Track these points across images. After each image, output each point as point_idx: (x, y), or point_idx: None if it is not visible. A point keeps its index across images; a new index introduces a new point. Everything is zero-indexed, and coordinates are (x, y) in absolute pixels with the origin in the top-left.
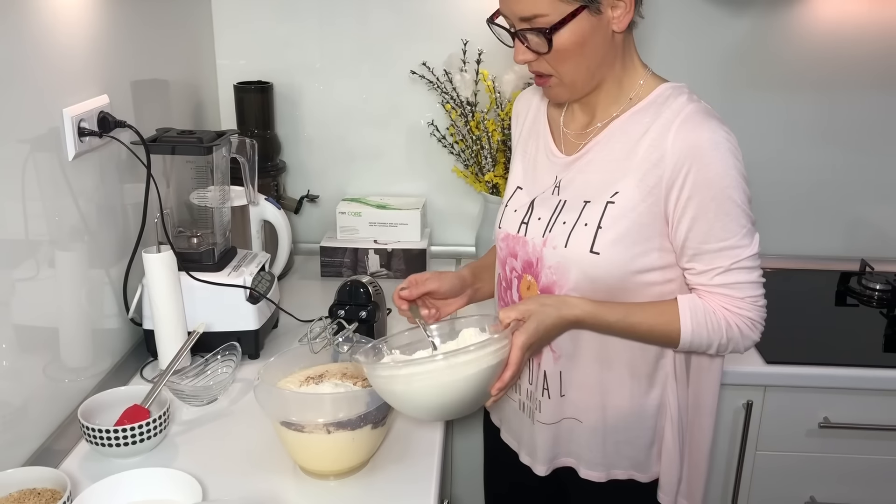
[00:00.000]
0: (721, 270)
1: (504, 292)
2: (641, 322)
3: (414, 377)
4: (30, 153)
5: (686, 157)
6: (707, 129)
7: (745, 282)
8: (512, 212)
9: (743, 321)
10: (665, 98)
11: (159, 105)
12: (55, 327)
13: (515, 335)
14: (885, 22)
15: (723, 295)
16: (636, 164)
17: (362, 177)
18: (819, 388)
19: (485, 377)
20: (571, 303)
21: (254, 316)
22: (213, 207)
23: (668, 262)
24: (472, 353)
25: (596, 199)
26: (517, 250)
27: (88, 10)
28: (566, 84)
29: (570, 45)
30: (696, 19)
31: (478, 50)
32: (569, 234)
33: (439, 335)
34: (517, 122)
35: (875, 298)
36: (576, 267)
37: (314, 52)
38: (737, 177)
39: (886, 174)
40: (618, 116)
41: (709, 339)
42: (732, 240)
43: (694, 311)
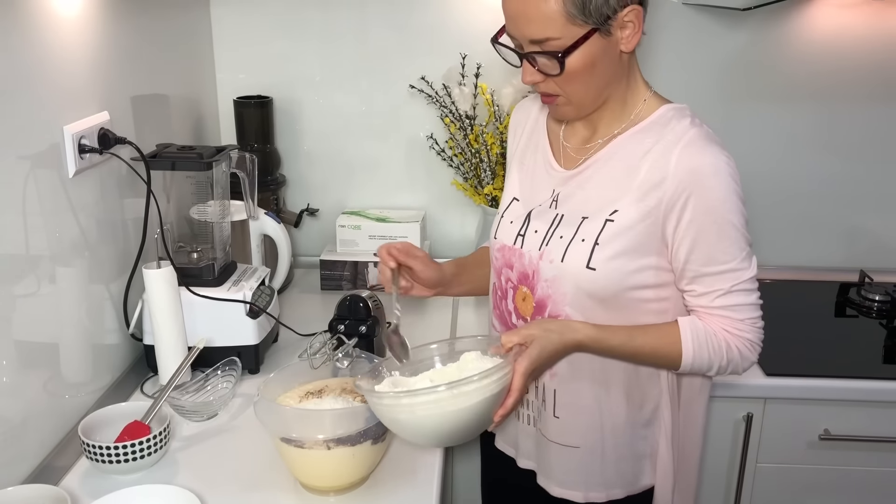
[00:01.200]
0: (722, 293)
1: (499, 301)
2: (644, 345)
3: (417, 406)
4: (30, 169)
5: (688, 182)
6: (710, 154)
7: (745, 304)
8: (508, 223)
9: (743, 343)
10: (668, 119)
11: (159, 120)
12: (55, 343)
13: (518, 361)
14: (883, 33)
15: (723, 317)
16: (637, 184)
17: (362, 190)
18: (819, 399)
19: (488, 405)
20: (574, 327)
21: (254, 331)
22: (213, 222)
23: (663, 280)
24: (476, 382)
25: (594, 216)
26: (513, 262)
27: (89, 26)
28: (574, 104)
29: (580, 68)
30: (695, 32)
31: (476, 64)
32: (566, 249)
33: (439, 356)
34: (514, 133)
35: (874, 309)
36: (571, 281)
37: (314, 65)
38: (736, 201)
39: (885, 185)
40: (619, 134)
41: (710, 360)
42: (733, 263)
43: (695, 333)
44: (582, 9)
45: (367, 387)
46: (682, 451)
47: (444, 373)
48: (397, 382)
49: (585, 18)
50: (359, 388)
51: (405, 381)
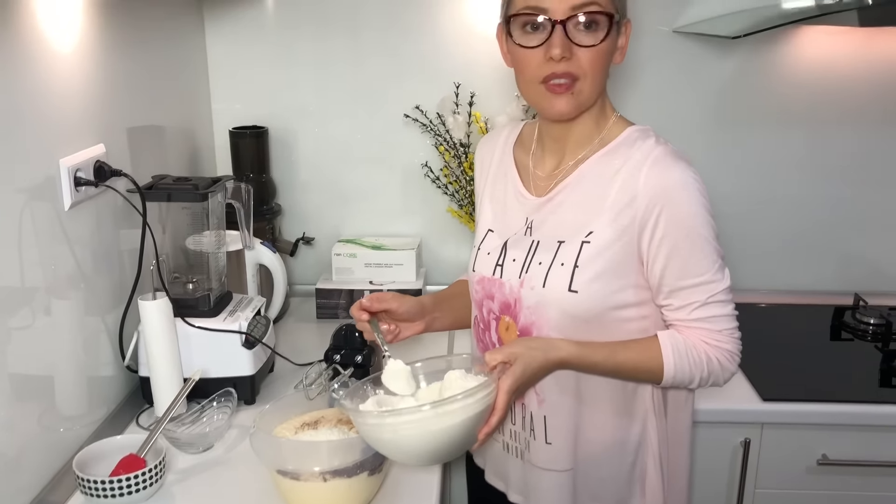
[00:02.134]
0: (698, 305)
1: (482, 334)
2: (626, 360)
3: (401, 425)
4: (26, 202)
5: (658, 198)
6: (677, 170)
7: (722, 315)
8: (485, 254)
9: (722, 353)
10: (633, 140)
11: (155, 151)
12: (51, 375)
13: (501, 380)
14: (871, 59)
15: (701, 329)
16: (609, 205)
17: (358, 217)
18: (817, 424)
19: (472, 423)
20: (557, 345)
21: (249, 361)
22: (208, 252)
23: (643, 298)
24: (460, 401)
25: (570, 239)
26: (493, 292)
27: (85, 59)
28: (585, 92)
29: (605, 48)
30: (686, 59)
31: (470, 92)
32: (546, 274)
33: (424, 374)
34: (481, 168)
35: (869, 333)
36: (555, 306)
37: (309, 95)
38: (706, 215)
39: (877, 207)
40: (587, 158)
41: (691, 372)
42: (707, 275)
43: (675, 346)
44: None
45: (350, 406)
46: (671, 471)
47: (427, 391)
48: (382, 401)
49: (617, 7)
50: (343, 407)
51: (389, 400)
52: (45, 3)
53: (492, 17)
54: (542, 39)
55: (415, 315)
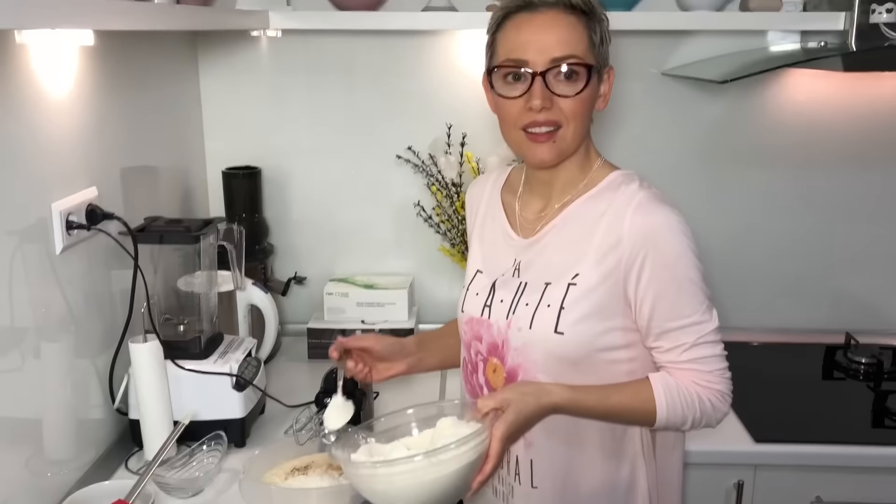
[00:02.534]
0: (687, 346)
1: (470, 375)
2: (619, 403)
3: (395, 476)
4: (18, 245)
5: (643, 241)
6: (660, 213)
7: (711, 355)
8: (474, 295)
9: (713, 394)
10: (618, 185)
11: (148, 191)
12: (39, 419)
13: (495, 427)
14: (855, 103)
15: (692, 370)
16: (594, 247)
17: (350, 256)
18: (810, 466)
19: (466, 472)
20: (549, 390)
21: (240, 404)
22: (200, 293)
23: (631, 340)
24: (454, 449)
25: (557, 281)
26: (481, 333)
27: (79, 101)
28: (566, 140)
29: (586, 96)
30: (676, 100)
31: (462, 133)
32: (532, 316)
33: (416, 421)
34: (471, 211)
35: (861, 372)
36: (541, 347)
37: (302, 135)
38: (691, 256)
39: (867, 246)
40: (573, 201)
41: (683, 414)
42: (695, 316)
43: (667, 388)
44: (598, 46)
45: (342, 456)
46: None
47: (419, 440)
48: (373, 450)
49: (596, 56)
50: (334, 457)
51: (381, 449)
52: (40, 47)
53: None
54: (523, 90)
55: (393, 355)
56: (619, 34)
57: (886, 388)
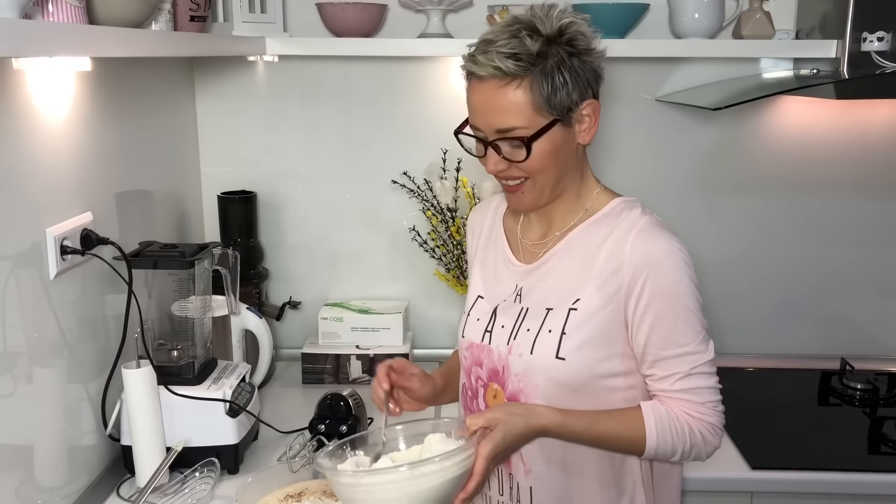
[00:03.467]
0: (681, 376)
1: (470, 402)
2: (608, 430)
3: (377, 486)
4: (12, 269)
5: (643, 266)
6: (662, 240)
7: (705, 387)
8: (475, 321)
9: (705, 426)
10: (620, 210)
11: (143, 215)
12: (30, 445)
13: (481, 445)
14: (848, 130)
15: (684, 400)
16: (596, 273)
17: (345, 281)
18: (807, 493)
19: (449, 488)
20: (539, 412)
21: (233, 430)
22: (194, 318)
23: (630, 367)
24: (437, 463)
25: (558, 307)
26: (482, 359)
27: (75, 126)
28: (536, 190)
29: (544, 154)
30: (669, 126)
31: (457, 158)
32: (534, 341)
33: (404, 437)
34: (473, 236)
35: (857, 398)
36: (542, 373)
37: (298, 159)
38: (690, 285)
39: (861, 272)
40: (575, 227)
41: (673, 445)
42: (690, 346)
43: (658, 417)
44: (548, 101)
45: (327, 465)
46: None
47: (407, 454)
48: (360, 463)
49: (550, 110)
50: (319, 465)
51: (367, 462)
52: (36, 75)
53: None
54: (483, 151)
55: (428, 399)
56: (612, 61)
57: (882, 413)
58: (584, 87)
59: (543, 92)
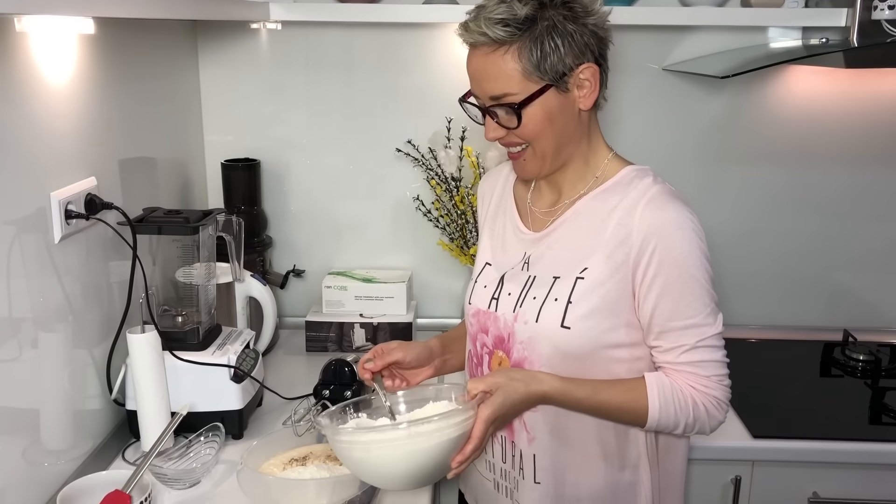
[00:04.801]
0: (687, 348)
1: (475, 368)
2: (610, 399)
3: (373, 444)
4: (16, 234)
5: (652, 236)
6: (672, 209)
7: (711, 360)
8: (482, 287)
9: (709, 400)
10: (631, 179)
11: (147, 182)
12: (36, 409)
13: (481, 408)
14: (857, 99)
15: (689, 373)
16: (604, 242)
17: (348, 250)
18: (808, 462)
19: (446, 449)
20: (540, 378)
21: (238, 395)
22: (198, 285)
23: (636, 339)
24: (435, 423)
25: (565, 275)
26: (488, 326)
27: (79, 92)
28: (537, 157)
29: (539, 121)
30: (676, 96)
31: (462, 127)
32: (539, 309)
33: (405, 402)
34: (483, 202)
35: (859, 369)
36: (547, 341)
37: (301, 128)
38: (700, 257)
39: (866, 244)
40: (584, 195)
41: (676, 417)
42: (697, 318)
43: (661, 389)
44: (537, 66)
45: (326, 423)
46: None
47: (407, 416)
48: (362, 424)
49: (541, 75)
50: (318, 424)
51: (368, 423)
52: (40, 37)
53: None
54: (483, 118)
55: (423, 361)
56: (619, 29)
57: (884, 384)
58: (580, 51)
59: (533, 57)
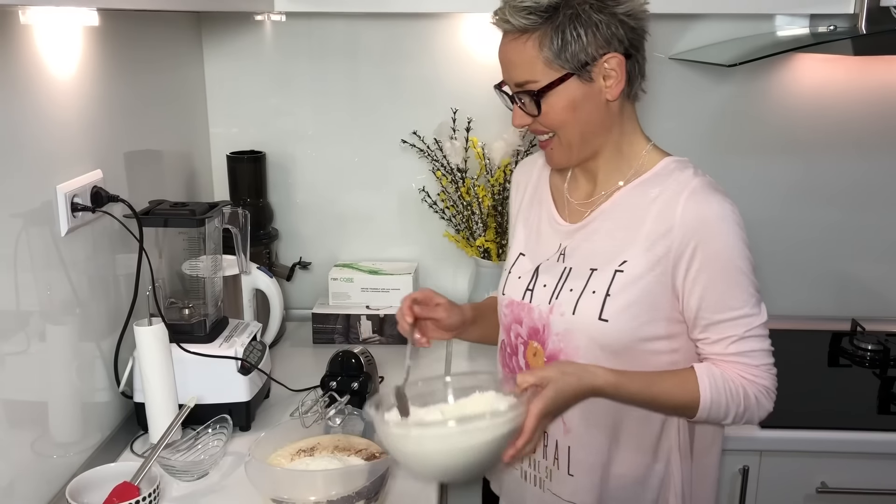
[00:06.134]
0: (735, 339)
1: (508, 358)
2: (662, 392)
3: (426, 439)
4: (23, 227)
5: (695, 230)
6: (715, 202)
7: (760, 349)
8: (516, 278)
9: (759, 389)
10: (671, 171)
11: (153, 175)
12: (44, 401)
13: (533, 403)
14: (865, 87)
15: (739, 363)
16: (644, 235)
17: (354, 242)
18: (816, 452)
19: (498, 444)
20: (593, 371)
21: (245, 387)
22: (204, 277)
23: (674, 331)
24: (487, 420)
25: (603, 268)
26: (522, 317)
27: (84, 85)
28: (563, 146)
29: (561, 109)
30: (683, 85)
31: (467, 118)
32: (577, 301)
33: (453, 389)
34: (517, 191)
35: (867, 359)
36: (584, 334)
37: (306, 119)
38: (743, 248)
39: (873, 234)
40: (623, 186)
41: (727, 406)
42: (745, 308)
43: (713, 379)
44: (558, 54)
45: (376, 414)
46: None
47: (455, 407)
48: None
49: (562, 63)
50: (367, 414)
51: (414, 412)
52: (44, 29)
53: (489, 43)
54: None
55: (455, 327)
56: None
57: (892, 374)
58: (605, 40)
59: (553, 46)
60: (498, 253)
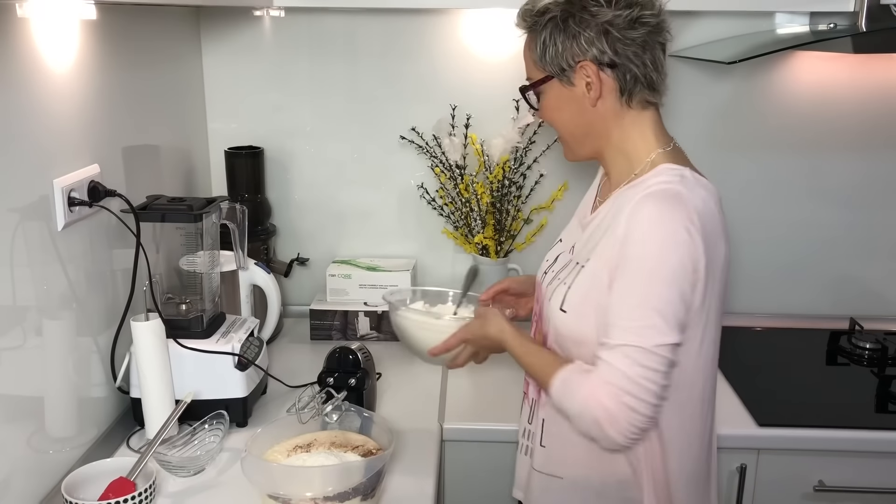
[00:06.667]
0: (605, 346)
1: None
2: (530, 366)
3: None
4: (19, 222)
5: (628, 231)
6: (655, 209)
7: (617, 367)
8: (545, 260)
9: (602, 406)
10: (653, 175)
11: (150, 170)
12: (41, 396)
13: (461, 328)
14: (866, 85)
15: (593, 372)
16: (608, 235)
17: (353, 238)
18: (813, 450)
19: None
20: (497, 324)
21: (242, 383)
22: (202, 273)
23: None
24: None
25: (578, 262)
26: (538, 295)
27: (81, 79)
28: (563, 142)
29: (548, 107)
30: (682, 82)
31: (466, 115)
32: (554, 290)
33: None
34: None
35: (865, 357)
36: (551, 321)
37: (305, 115)
38: (668, 268)
39: (873, 232)
40: (621, 189)
41: (570, 404)
42: (627, 322)
43: (566, 383)
44: (541, 56)
45: (390, 298)
46: (671, 499)
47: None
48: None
49: (544, 66)
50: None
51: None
52: (42, 22)
53: (488, 39)
54: None
55: (528, 289)
56: None
57: (890, 373)
58: (581, 49)
59: (536, 49)
60: (496, 250)
